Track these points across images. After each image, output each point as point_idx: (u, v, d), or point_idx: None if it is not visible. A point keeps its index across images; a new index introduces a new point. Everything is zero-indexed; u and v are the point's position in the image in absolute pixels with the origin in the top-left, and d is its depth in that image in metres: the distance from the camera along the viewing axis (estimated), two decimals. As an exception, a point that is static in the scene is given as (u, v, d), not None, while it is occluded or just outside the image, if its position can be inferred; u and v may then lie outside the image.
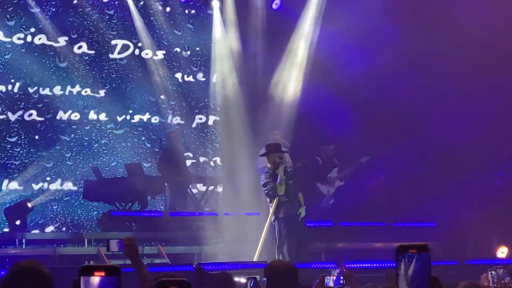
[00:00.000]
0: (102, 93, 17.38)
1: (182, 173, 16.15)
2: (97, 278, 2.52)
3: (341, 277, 6.31)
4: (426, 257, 2.54)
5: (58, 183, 16.81)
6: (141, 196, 15.76)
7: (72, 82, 17.15)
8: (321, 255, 14.69)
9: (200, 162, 18.02)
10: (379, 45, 16.47)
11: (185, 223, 15.00)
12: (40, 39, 16.92)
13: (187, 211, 15.76)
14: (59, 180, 16.82)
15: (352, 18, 16.02)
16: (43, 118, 16.86)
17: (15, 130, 16.66)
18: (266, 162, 13.03)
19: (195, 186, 16.81)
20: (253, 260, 12.22)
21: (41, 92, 16.87)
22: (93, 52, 17.42)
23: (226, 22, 17.81)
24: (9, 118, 16.62)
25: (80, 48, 17.27)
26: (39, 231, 15.78)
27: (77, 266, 2.63)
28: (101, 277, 2.51)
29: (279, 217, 12.47)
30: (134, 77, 17.68)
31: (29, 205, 15.32)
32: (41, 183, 16.66)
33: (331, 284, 6.29)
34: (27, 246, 14.38)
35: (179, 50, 18.12)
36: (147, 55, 17.76)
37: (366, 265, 12.43)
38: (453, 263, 13.01)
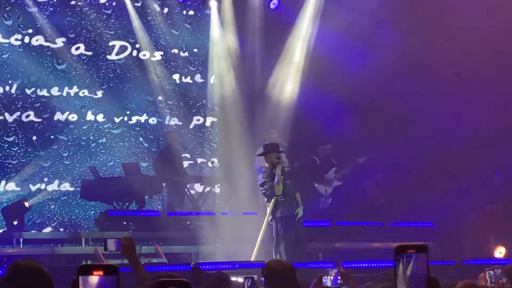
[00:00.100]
0: (100, 94, 17.35)
1: (178, 173, 16.13)
2: (95, 277, 2.51)
3: (338, 277, 6.32)
4: (424, 257, 2.53)
5: (55, 183, 16.79)
6: (139, 196, 15.75)
7: (69, 83, 17.12)
8: (318, 255, 14.70)
9: (198, 163, 17.99)
10: (376, 45, 16.47)
11: (182, 223, 15.02)
12: (38, 40, 16.90)
13: (185, 211, 15.76)
14: (56, 180, 16.80)
15: (350, 18, 16.04)
16: (40, 119, 16.83)
17: (13, 130, 16.63)
18: (263, 162, 13.03)
19: (192, 186, 16.79)
20: (251, 260, 12.22)
21: (38, 92, 16.83)
22: (91, 53, 17.40)
23: (223, 22, 17.80)
24: (7, 119, 16.60)
25: (77, 49, 17.25)
26: (36, 231, 15.76)
27: (75, 266, 2.62)
28: (100, 276, 2.51)
29: (276, 216, 12.47)
30: (131, 77, 17.66)
31: (26, 204, 15.30)
32: (39, 183, 16.63)
33: (329, 284, 6.29)
34: (24, 246, 14.37)
35: (177, 51, 18.10)
36: (144, 56, 17.74)
37: (364, 265, 12.44)
38: (450, 263, 13.02)
